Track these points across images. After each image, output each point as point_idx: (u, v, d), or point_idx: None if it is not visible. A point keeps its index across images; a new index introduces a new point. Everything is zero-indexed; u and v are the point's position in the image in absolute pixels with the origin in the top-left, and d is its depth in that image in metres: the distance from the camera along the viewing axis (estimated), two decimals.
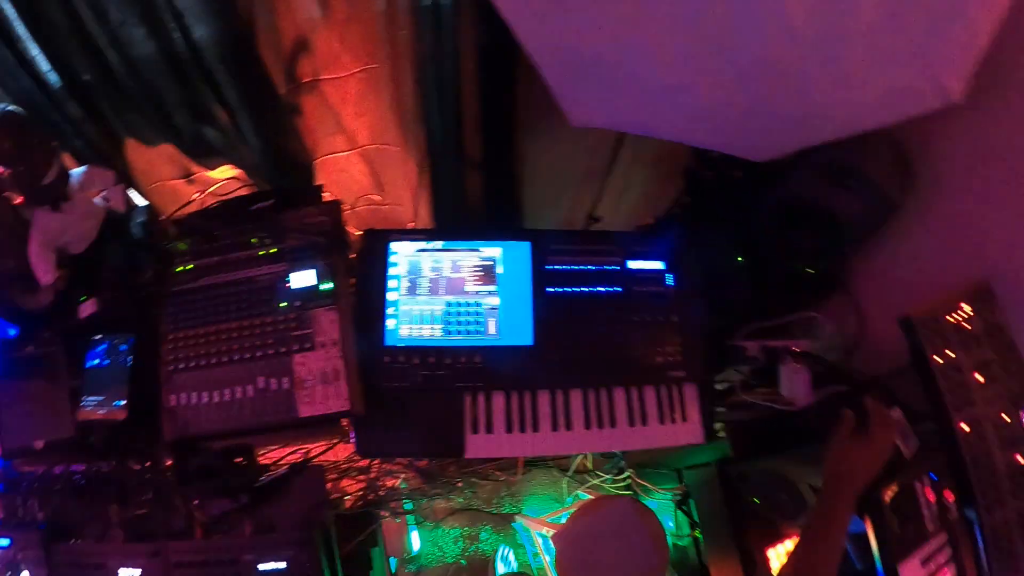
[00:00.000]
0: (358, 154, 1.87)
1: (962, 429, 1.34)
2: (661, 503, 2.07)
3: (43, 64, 1.54)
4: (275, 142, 1.70)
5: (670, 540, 1.91)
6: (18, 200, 1.37)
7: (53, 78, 1.57)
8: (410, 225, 2.02)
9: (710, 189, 1.91)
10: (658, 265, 1.73)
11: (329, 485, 1.75)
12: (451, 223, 1.90)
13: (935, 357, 1.37)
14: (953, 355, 1.39)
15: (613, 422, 1.61)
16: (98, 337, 1.58)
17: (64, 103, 1.61)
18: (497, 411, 1.60)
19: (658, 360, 1.65)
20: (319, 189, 1.73)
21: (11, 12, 1.47)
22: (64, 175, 1.44)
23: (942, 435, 1.35)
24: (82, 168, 1.56)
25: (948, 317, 1.41)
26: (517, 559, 2.37)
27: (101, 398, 1.53)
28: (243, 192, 1.79)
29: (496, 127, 1.74)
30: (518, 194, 1.91)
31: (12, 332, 1.64)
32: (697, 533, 1.82)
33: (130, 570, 1.53)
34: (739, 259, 1.77)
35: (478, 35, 1.52)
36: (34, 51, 1.51)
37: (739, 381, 1.75)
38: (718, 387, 1.80)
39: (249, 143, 1.66)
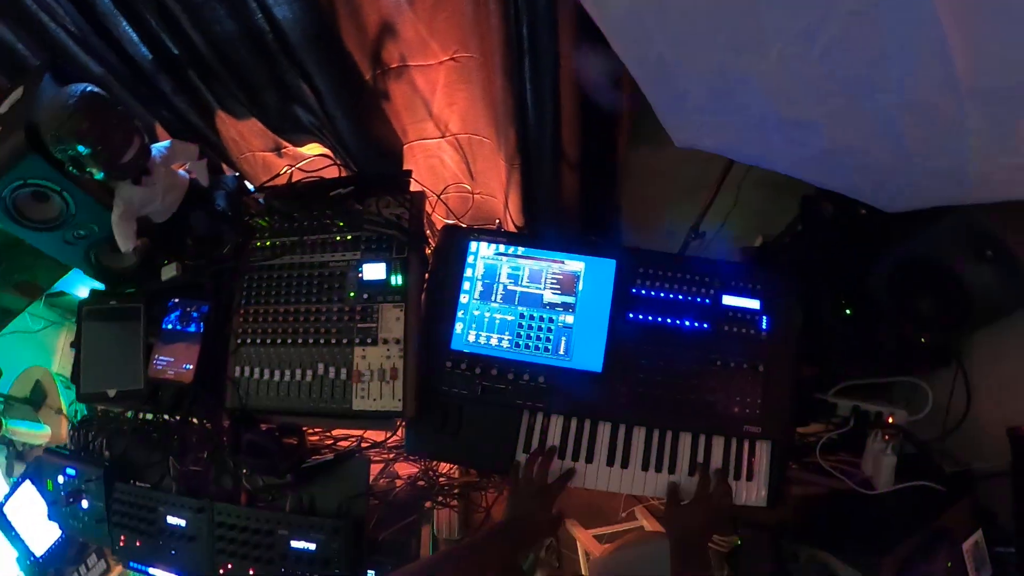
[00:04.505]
0: (449, 142, 1.78)
1: None
2: None
3: (133, 38, 1.53)
4: (364, 126, 1.64)
5: None
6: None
7: (144, 51, 1.55)
8: (500, 218, 1.93)
9: (828, 223, 1.70)
10: (754, 304, 1.56)
11: (380, 467, 1.77)
12: (542, 222, 1.79)
13: None
14: None
15: (672, 468, 1.51)
16: (176, 301, 1.61)
17: (155, 76, 1.60)
18: (552, 435, 1.53)
19: (734, 410, 1.51)
20: (407, 174, 1.67)
21: None
22: (145, 151, 1.44)
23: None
24: (167, 142, 1.55)
25: None
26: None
27: (171, 360, 1.57)
28: (332, 169, 1.76)
29: (598, 125, 1.60)
30: (617, 197, 1.77)
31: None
32: None
33: (177, 519, 1.64)
34: (847, 311, 1.57)
35: (577, 25, 1.38)
36: (123, 26, 1.50)
37: (820, 441, 1.59)
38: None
39: (338, 125, 1.61)
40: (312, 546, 1.52)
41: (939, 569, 1.28)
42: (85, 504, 1.74)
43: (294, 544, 1.53)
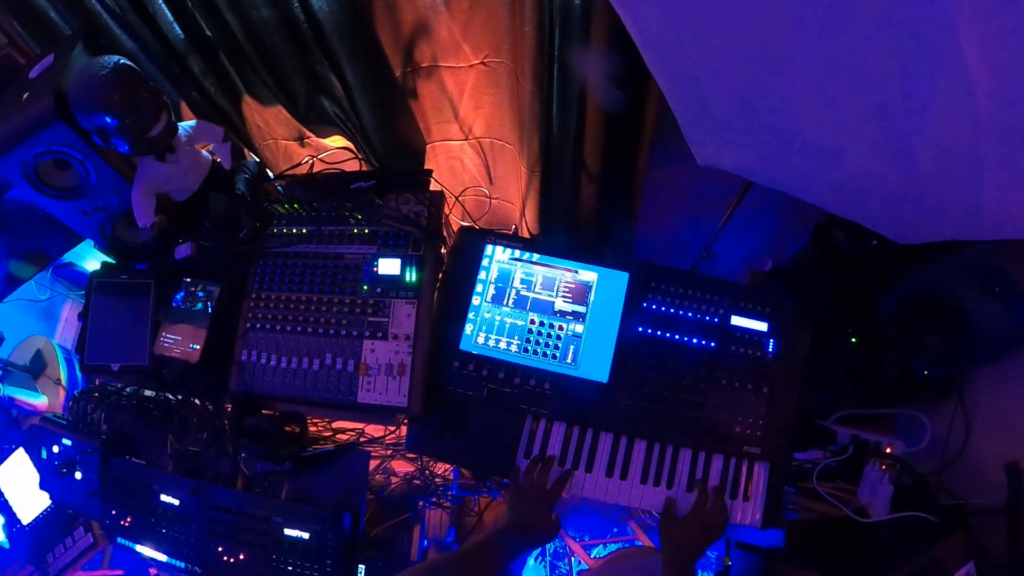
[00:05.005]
0: (472, 145, 1.80)
1: None
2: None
3: (168, 17, 1.54)
4: (389, 122, 1.66)
5: None
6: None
7: (177, 31, 1.57)
8: (516, 225, 1.95)
9: (839, 252, 1.72)
10: (762, 327, 1.57)
11: (377, 463, 1.77)
12: (556, 232, 1.80)
13: None
14: None
15: (671, 483, 1.52)
16: (188, 280, 1.61)
17: (186, 56, 1.61)
18: (554, 442, 1.54)
19: (736, 430, 1.52)
20: (428, 173, 1.68)
21: None
22: (172, 128, 1.45)
23: None
24: (193, 122, 1.56)
25: None
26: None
27: (179, 338, 1.57)
28: (353, 163, 1.76)
29: (620, 139, 1.62)
30: (634, 211, 1.78)
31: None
32: None
33: (171, 499, 1.63)
34: (853, 340, 1.59)
35: (610, 39, 1.40)
36: (159, 3, 1.52)
37: (817, 468, 1.61)
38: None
39: (363, 119, 1.62)
40: (306, 535, 1.52)
41: None
42: (79, 476, 1.74)
43: (288, 532, 1.53)
